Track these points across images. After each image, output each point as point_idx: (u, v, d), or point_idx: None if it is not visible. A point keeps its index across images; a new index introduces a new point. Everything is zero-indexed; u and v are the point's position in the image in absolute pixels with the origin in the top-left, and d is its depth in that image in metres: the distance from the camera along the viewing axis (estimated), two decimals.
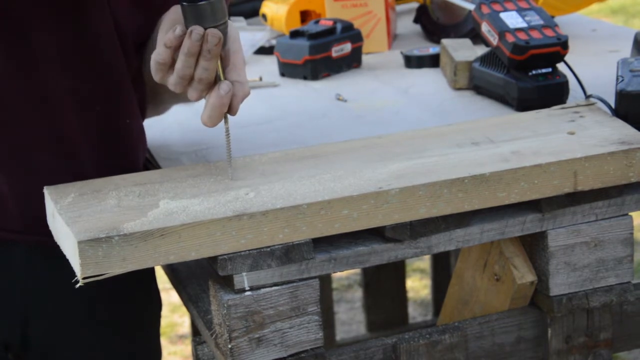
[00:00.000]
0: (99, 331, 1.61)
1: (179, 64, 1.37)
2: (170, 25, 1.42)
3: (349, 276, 4.06)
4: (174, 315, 3.87)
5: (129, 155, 1.57)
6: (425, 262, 4.04)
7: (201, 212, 1.31)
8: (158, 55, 1.39)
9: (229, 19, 1.40)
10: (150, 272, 1.62)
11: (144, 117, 1.63)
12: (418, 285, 4.01)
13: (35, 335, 1.57)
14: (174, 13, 1.43)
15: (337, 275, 3.90)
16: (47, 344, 1.58)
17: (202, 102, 1.75)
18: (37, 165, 1.49)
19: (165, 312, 1.73)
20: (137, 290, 1.63)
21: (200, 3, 1.34)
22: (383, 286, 3.40)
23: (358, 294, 3.91)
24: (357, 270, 3.81)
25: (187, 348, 3.67)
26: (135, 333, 1.67)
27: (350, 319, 3.80)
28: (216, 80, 1.38)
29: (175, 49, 1.38)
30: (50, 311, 1.57)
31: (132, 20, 1.53)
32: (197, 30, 1.34)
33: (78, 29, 1.47)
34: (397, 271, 3.40)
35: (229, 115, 1.41)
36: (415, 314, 3.78)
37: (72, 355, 1.60)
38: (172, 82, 1.40)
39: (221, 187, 1.39)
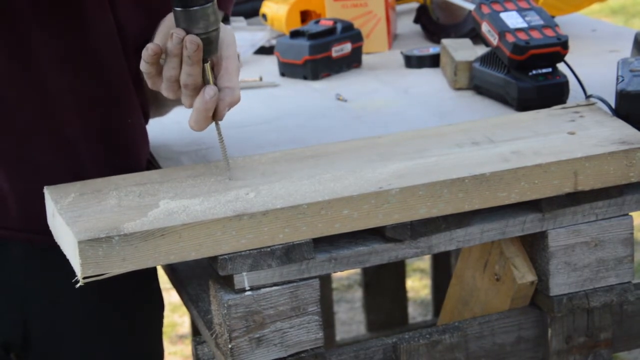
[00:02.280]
0: (101, 332, 1.61)
1: (164, 66, 1.38)
2: (165, 31, 1.42)
3: (349, 276, 4.06)
4: (174, 315, 3.87)
5: (130, 155, 1.57)
6: (425, 262, 4.05)
7: (201, 212, 1.31)
8: (141, 67, 1.41)
9: (228, 22, 1.40)
10: (152, 272, 1.62)
11: (146, 117, 1.63)
12: (418, 285, 4.01)
13: (36, 335, 1.57)
14: (170, 20, 1.44)
15: (337, 275, 3.90)
16: (48, 344, 1.58)
17: None
18: (38, 164, 1.49)
19: (165, 312, 1.74)
20: (139, 290, 1.63)
21: (192, 8, 1.34)
22: (383, 286, 3.40)
23: (358, 294, 3.91)
24: (357, 270, 3.81)
25: (187, 348, 3.67)
26: (137, 333, 1.67)
27: (350, 319, 3.80)
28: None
29: (154, 62, 1.39)
30: (51, 311, 1.57)
31: (133, 21, 1.53)
32: (177, 33, 1.35)
33: (78, 29, 1.47)
34: (397, 271, 3.40)
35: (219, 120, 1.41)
36: (415, 314, 3.78)
37: (73, 355, 1.60)
38: (163, 87, 1.41)
39: (221, 187, 1.39)
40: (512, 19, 1.75)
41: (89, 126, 1.51)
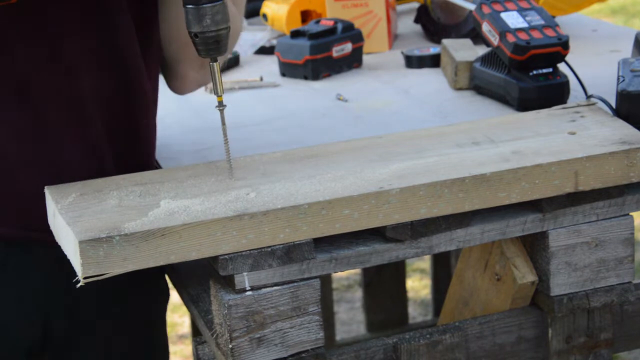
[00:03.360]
0: (117, 331, 1.63)
1: None
2: None
3: (349, 276, 4.06)
4: (174, 315, 3.87)
5: (144, 153, 1.59)
6: (425, 262, 4.04)
7: (202, 212, 1.31)
8: None
9: None
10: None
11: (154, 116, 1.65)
12: (418, 285, 4.01)
13: (56, 335, 1.57)
14: None
15: (337, 275, 3.90)
16: (64, 346, 1.58)
17: (201, 104, 1.75)
18: (66, 164, 1.49)
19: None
20: (150, 285, 1.65)
21: (203, 6, 1.35)
22: (383, 286, 3.40)
23: (358, 294, 3.91)
24: (357, 270, 3.81)
25: (187, 348, 3.67)
26: (152, 328, 1.69)
27: (350, 319, 3.80)
28: None
29: None
30: (70, 311, 1.57)
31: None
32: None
33: (103, 29, 1.49)
34: (397, 271, 3.40)
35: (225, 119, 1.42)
36: (415, 314, 3.78)
37: (89, 353, 1.60)
38: None
39: (222, 187, 1.39)
40: (513, 19, 1.75)
41: (111, 125, 1.52)
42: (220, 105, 1.41)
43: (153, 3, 1.56)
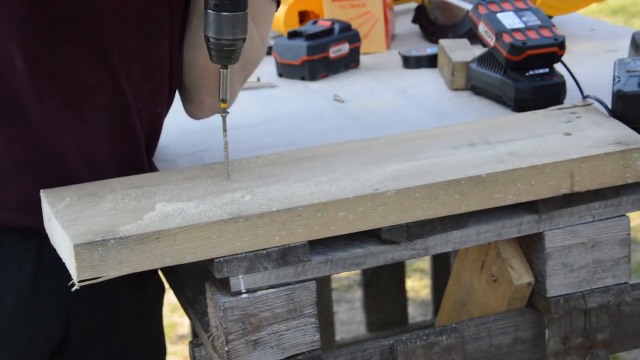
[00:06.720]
0: (133, 331, 1.64)
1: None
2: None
3: (349, 276, 4.06)
4: (174, 315, 3.87)
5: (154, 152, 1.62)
6: (425, 262, 4.04)
7: (197, 215, 1.31)
8: None
9: None
10: None
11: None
12: (418, 285, 4.01)
13: (74, 335, 1.56)
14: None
15: (336, 275, 3.89)
16: (82, 345, 1.58)
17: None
18: (105, 162, 1.49)
19: (165, 312, 1.75)
20: (152, 279, 1.66)
21: (223, 13, 1.35)
22: (383, 286, 3.40)
23: (358, 294, 3.91)
24: (357, 271, 3.81)
25: (186, 348, 3.67)
26: (154, 322, 1.70)
27: (350, 319, 3.80)
28: None
29: None
30: (92, 310, 1.56)
31: None
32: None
33: (144, 30, 1.50)
34: (397, 271, 3.40)
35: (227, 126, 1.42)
36: (415, 314, 3.78)
37: (101, 355, 1.61)
38: None
39: (217, 190, 1.39)
40: (509, 20, 1.75)
41: (142, 124, 1.53)
42: (224, 112, 1.42)
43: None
